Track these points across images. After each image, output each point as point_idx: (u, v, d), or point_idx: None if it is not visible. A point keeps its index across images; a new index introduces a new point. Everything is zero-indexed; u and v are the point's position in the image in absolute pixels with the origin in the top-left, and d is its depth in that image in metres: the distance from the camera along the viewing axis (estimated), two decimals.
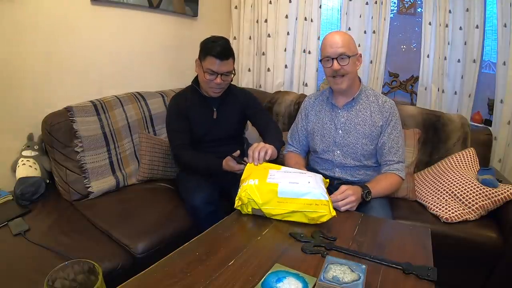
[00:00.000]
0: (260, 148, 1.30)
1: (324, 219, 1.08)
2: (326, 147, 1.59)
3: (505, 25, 2.07)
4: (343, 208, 1.23)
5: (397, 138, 1.51)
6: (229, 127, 1.75)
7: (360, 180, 1.56)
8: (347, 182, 1.57)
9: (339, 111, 1.56)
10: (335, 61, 1.43)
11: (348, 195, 1.25)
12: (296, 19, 2.60)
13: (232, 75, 1.64)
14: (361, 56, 1.50)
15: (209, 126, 1.70)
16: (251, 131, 2.26)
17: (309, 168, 1.67)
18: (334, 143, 1.56)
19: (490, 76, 2.33)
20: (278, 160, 1.52)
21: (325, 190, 1.14)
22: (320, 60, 1.51)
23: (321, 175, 1.25)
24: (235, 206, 1.16)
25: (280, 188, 1.10)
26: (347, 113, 1.54)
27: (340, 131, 1.55)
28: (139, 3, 2.07)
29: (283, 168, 1.27)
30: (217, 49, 1.53)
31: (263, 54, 2.74)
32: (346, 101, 1.54)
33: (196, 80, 1.72)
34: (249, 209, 1.13)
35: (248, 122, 1.89)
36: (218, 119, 1.71)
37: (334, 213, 1.08)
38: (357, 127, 1.52)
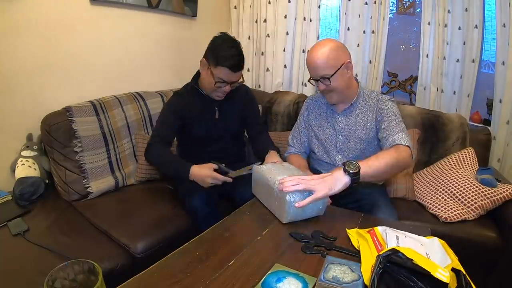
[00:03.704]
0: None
1: None
2: (328, 152, 1.57)
3: (504, 25, 2.07)
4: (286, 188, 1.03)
5: (389, 117, 1.40)
6: (232, 126, 1.73)
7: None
8: None
9: (338, 116, 1.54)
10: (319, 82, 1.43)
11: (298, 183, 1.04)
12: (295, 19, 2.60)
13: (241, 81, 1.61)
14: (350, 62, 1.43)
15: (211, 126, 1.68)
16: None
17: (311, 169, 1.66)
18: (335, 148, 1.55)
19: (489, 76, 2.33)
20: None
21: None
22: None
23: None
24: None
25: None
26: (346, 118, 1.53)
27: (340, 137, 1.54)
28: (138, 3, 2.07)
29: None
30: (232, 61, 1.47)
31: (262, 54, 2.74)
32: (344, 107, 1.53)
33: (195, 79, 1.68)
34: None
35: None
36: (220, 119, 1.69)
37: None
38: (356, 132, 1.50)
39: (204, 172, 1.48)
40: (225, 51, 1.48)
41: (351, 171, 1.10)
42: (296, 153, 1.70)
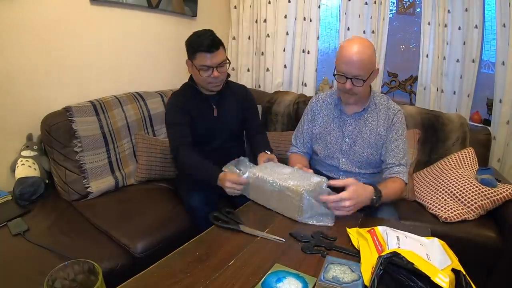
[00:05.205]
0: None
1: None
2: (332, 154, 1.55)
3: (504, 25, 2.07)
4: (337, 213, 1.13)
5: (396, 141, 1.44)
6: (231, 125, 1.72)
7: (365, 182, 1.54)
8: None
9: (348, 118, 1.51)
10: (348, 81, 1.34)
11: (343, 200, 1.12)
12: (295, 19, 2.60)
13: (228, 64, 1.60)
14: (378, 70, 1.40)
15: (210, 124, 1.67)
16: None
17: (313, 169, 1.65)
18: (340, 150, 1.52)
19: (489, 76, 2.33)
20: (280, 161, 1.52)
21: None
22: (334, 70, 1.41)
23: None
24: None
25: None
26: (356, 121, 1.49)
27: (347, 139, 1.50)
28: (138, 3, 2.07)
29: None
30: (204, 42, 1.49)
31: (262, 54, 2.74)
32: (356, 110, 1.49)
33: (192, 79, 1.69)
34: None
35: None
36: (218, 116, 1.68)
37: None
38: (364, 136, 1.48)
39: (224, 182, 1.37)
40: (195, 39, 1.53)
41: (377, 195, 1.24)
42: (298, 153, 1.68)
